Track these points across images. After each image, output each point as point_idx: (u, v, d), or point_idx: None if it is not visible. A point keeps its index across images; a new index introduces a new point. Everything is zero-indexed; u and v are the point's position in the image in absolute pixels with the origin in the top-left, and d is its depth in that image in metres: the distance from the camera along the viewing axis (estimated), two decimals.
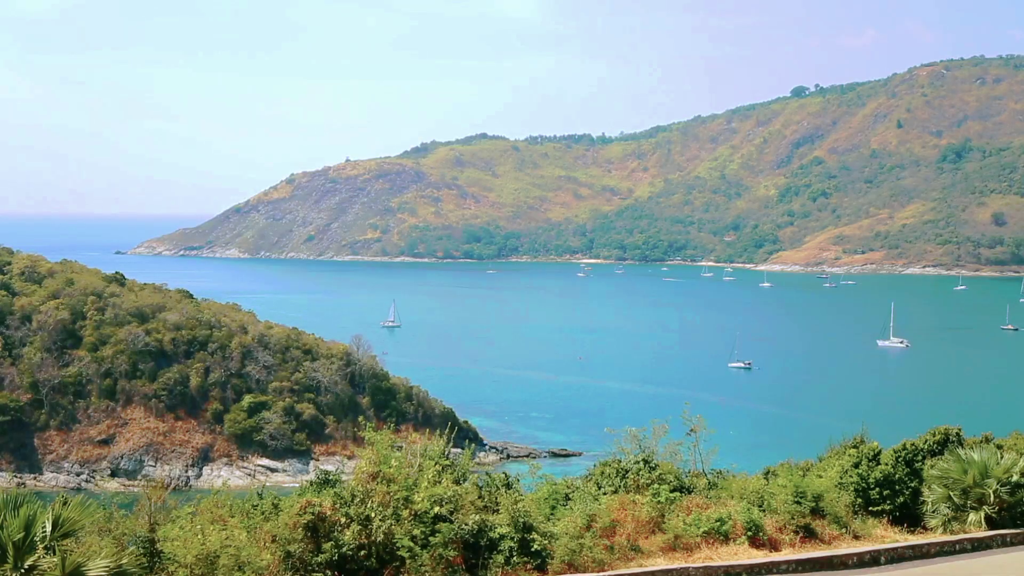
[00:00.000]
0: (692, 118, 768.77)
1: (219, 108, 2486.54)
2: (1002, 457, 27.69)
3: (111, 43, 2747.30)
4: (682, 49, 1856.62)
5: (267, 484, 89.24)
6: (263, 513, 21.57)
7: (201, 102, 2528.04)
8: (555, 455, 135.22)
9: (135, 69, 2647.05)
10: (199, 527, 19.74)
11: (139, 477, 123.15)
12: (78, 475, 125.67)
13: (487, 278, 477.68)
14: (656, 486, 25.26)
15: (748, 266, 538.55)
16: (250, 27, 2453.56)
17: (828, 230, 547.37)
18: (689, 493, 26.34)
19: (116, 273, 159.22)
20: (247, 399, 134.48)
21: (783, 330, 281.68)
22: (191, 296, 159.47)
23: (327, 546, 19.62)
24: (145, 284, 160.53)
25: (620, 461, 27.90)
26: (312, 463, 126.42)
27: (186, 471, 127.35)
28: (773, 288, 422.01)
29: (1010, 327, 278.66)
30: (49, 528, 17.37)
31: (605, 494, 25.72)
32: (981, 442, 31.50)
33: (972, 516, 26.52)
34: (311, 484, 23.59)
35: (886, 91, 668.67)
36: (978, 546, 25.63)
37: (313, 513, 19.90)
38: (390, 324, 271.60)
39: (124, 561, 17.71)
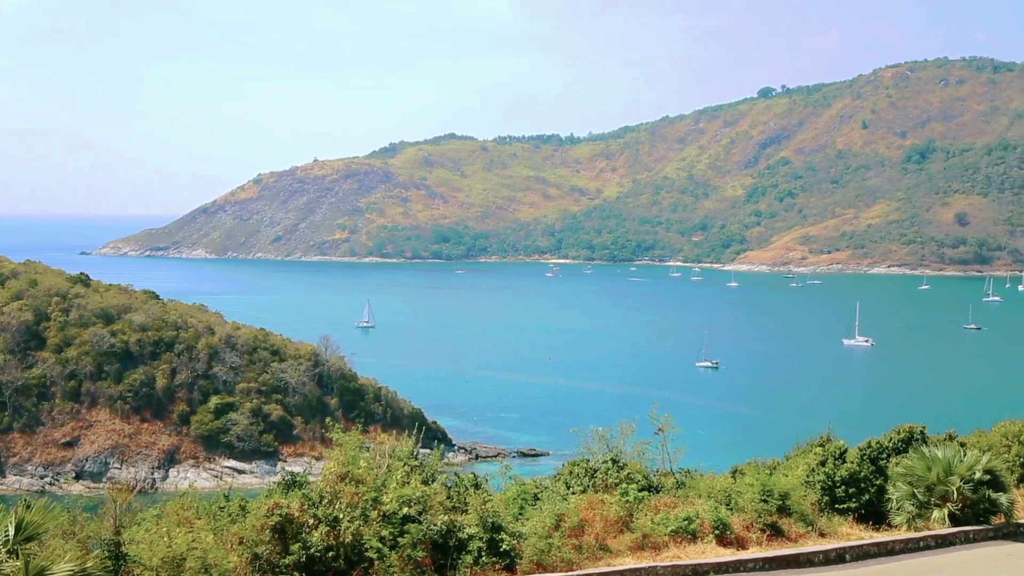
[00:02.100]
0: (660, 119, 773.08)
1: (186, 108, 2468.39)
2: (965, 455, 27.96)
3: (75, 43, 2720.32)
4: (650, 51, 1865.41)
5: (234, 486, 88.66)
6: (230, 515, 21.44)
7: (167, 102, 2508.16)
8: (524, 455, 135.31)
9: (99, 69, 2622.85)
10: (165, 529, 19.60)
11: (104, 479, 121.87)
12: (42, 478, 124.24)
13: (456, 278, 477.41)
14: (624, 485, 25.33)
15: (716, 266, 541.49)
16: (217, 27, 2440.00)
17: (795, 230, 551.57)
18: (657, 492, 26.42)
19: (81, 274, 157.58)
20: (214, 400, 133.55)
21: (750, 330, 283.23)
22: (157, 297, 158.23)
23: (295, 548, 19.53)
24: (110, 285, 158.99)
25: (589, 461, 27.95)
26: (280, 464, 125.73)
27: (152, 473, 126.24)
28: (740, 288, 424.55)
29: (973, 326, 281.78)
30: (12, 532, 17.16)
31: (574, 494, 25.76)
32: (945, 440, 31.79)
33: (936, 513, 26.77)
34: (279, 485, 23.45)
35: (851, 92, 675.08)
36: (942, 543, 25.88)
37: (281, 515, 19.80)
38: (364, 325, 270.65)
39: (89, 564, 17.53)
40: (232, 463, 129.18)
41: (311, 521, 20.07)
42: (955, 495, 26.89)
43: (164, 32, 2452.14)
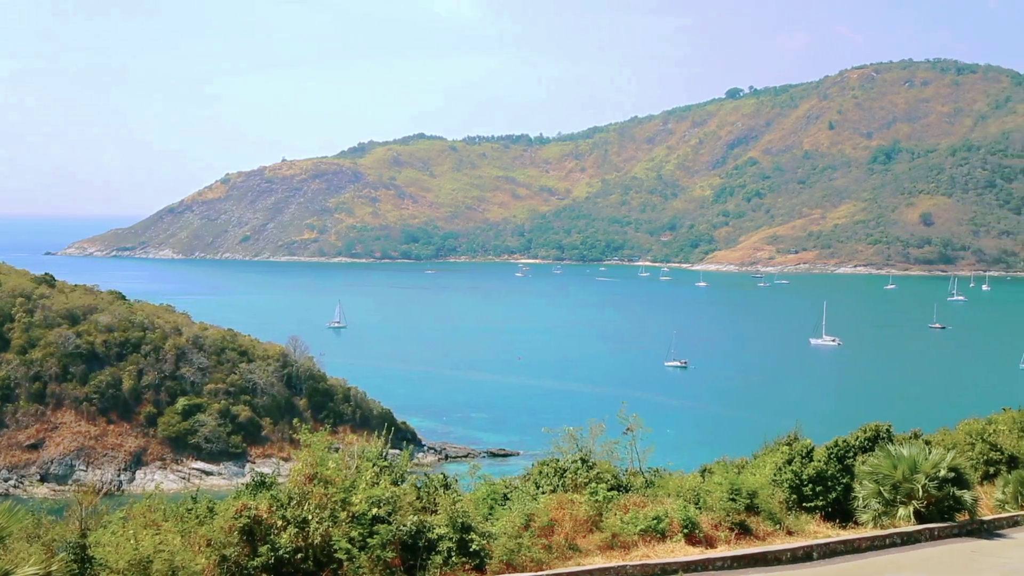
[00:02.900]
0: (629, 119, 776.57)
1: (152, 107, 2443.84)
2: (930, 453, 28.22)
3: (37, 39, 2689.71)
4: (618, 50, 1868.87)
5: (202, 487, 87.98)
6: (198, 517, 21.28)
7: (133, 101, 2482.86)
8: (493, 455, 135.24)
9: (62, 66, 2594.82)
10: (131, 532, 19.39)
11: (70, 482, 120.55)
12: (6, 481, 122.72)
13: (426, 278, 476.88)
14: (594, 485, 25.37)
15: (684, 266, 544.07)
16: (182, 25, 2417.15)
17: (762, 230, 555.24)
18: (626, 492, 26.47)
19: (46, 274, 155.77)
20: (181, 401, 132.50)
21: (719, 329, 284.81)
22: (123, 297, 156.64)
23: (263, 549, 19.41)
24: (76, 285, 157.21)
25: (558, 460, 27.97)
26: (248, 466, 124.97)
27: (118, 475, 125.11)
28: (709, 288, 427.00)
29: (938, 325, 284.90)
30: None
31: (543, 493, 25.75)
32: (910, 438, 32.11)
33: (901, 511, 27.01)
34: (247, 487, 23.28)
35: (818, 93, 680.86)
36: (907, 540, 26.11)
37: (249, 516, 19.66)
38: (336, 325, 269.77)
39: (54, 568, 17.37)
40: (200, 465, 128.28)
41: (280, 523, 19.94)
42: (920, 493, 27.13)
43: (129, 30, 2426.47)
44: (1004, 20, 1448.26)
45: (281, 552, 19.46)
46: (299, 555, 19.68)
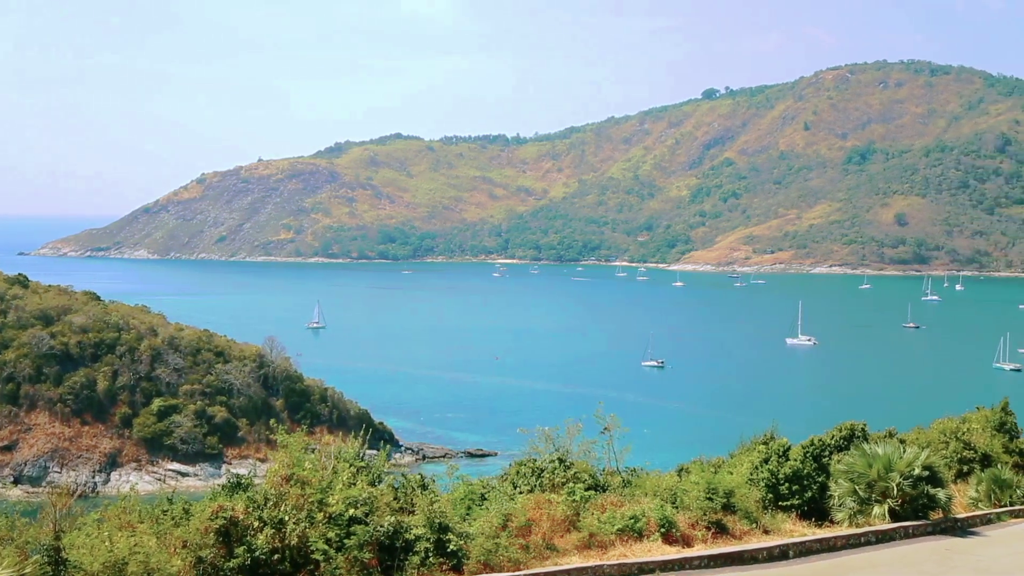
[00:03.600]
0: (605, 119, 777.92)
1: (129, 107, 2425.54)
2: (904, 451, 28.39)
3: (12, 38, 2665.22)
4: (594, 51, 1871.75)
5: (178, 489, 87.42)
6: (173, 518, 21.15)
7: (109, 100, 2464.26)
8: (471, 455, 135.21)
9: (39, 65, 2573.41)
10: (106, 534, 19.27)
11: (44, 484, 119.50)
12: None
13: (403, 279, 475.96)
14: (571, 485, 25.38)
15: (661, 266, 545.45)
16: (159, 25, 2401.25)
17: (738, 230, 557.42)
18: (604, 491, 26.49)
19: (19, 275, 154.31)
20: (157, 402, 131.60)
21: (695, 329, 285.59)
22: (98, 298, 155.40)
23: (240, 551, 19.33)
24: (50, 286, 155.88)
25: (535, 461, 27.96)
26: (224, 467, 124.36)
27: (93, 477, 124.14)
28: (685, 288, 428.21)
29: (912, 325, 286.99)
30: None
31: (521, 493, 25.75)
32: (885, 437, 32.31)
33: (876, 509, 27.17)
34: (223, 488, 23.16)
35: (793, 94, 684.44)
36: (882, 538, 26.27)
37: (225, 518, 19.57)
38: (315, 326, 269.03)
39: (27, 570, 17.25)
40: (176, 466, 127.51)
41: (256, 524, 19.86)
42: (895, 491, 27.29)
43: (110, 26, 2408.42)
44: (973, 23, 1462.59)
45: (258, 553, 19.38)
46: (276, 556, 19.61)
